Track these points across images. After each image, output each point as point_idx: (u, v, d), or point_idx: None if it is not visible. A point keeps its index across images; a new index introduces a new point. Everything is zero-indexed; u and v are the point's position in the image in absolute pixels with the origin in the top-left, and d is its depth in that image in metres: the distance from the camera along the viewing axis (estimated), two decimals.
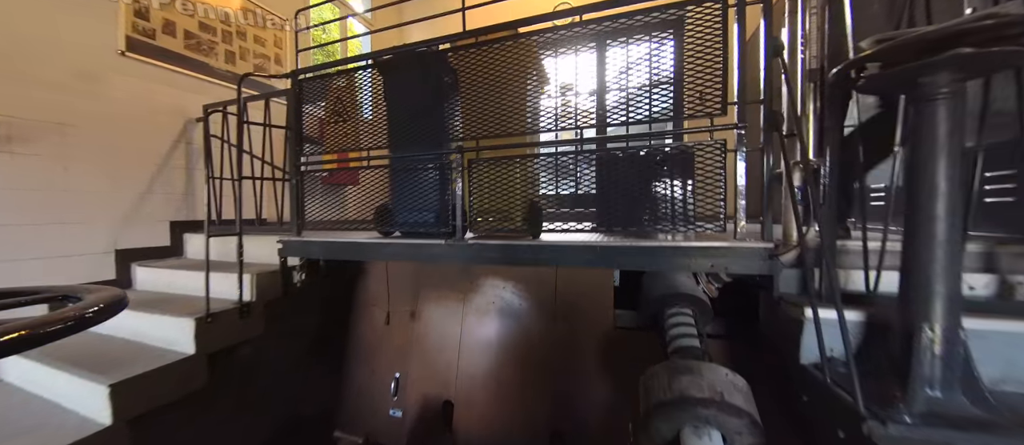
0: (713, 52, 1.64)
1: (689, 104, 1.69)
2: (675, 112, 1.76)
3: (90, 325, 0.63)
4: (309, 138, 2.50)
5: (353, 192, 2.57)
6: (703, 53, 1.66)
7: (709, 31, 1.64)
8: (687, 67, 1.68)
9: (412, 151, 2.21)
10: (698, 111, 1.67)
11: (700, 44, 1.66)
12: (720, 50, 1.63)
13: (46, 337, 0.51)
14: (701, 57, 1.66)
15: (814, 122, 1.48)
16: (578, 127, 1.84)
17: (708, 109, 1.66)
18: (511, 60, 1.93)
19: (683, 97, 1.71)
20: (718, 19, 1.63)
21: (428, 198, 2.15)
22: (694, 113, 1.68)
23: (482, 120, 2.00)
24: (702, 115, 1.67)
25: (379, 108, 2.29)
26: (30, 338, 0.50)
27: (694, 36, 1.66)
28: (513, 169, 1.98)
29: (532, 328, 2.71)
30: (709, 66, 1.65)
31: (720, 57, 1.63)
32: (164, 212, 3.03)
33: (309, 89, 2.45)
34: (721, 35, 1.63)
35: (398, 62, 2.19)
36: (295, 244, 2.47)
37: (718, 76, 1.64)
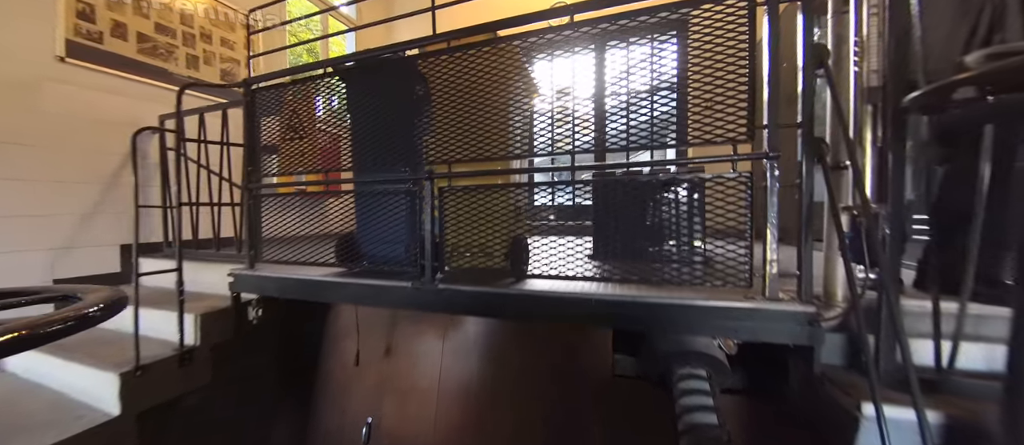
0: (736, 63, 1.31)
1: (704, 126, 1.35)
2: (678, 136, 1.42)
3: (90, 325, 0.61)
4: (273, 148, 2.15)
5: (330, 207, 2.24)
6: (724, 64, 1.32)
7: (731, 36, 1.30)
8: (703, 81, 1.34)
9: (379, 173, 1.89)
10: (718, 135, 1.33)
11: (719, 53, 1.32)
12: (745, 60, 1.29)
13: (46, 337, 0.50)
14: (721, 69, 1.33)
15: (872, 154, 1.14)
16: (571, 152, 1.51)
17: (730, 133, 1.32)
18: (490, 69, 1.60)
19: (687, 116, 1.37)
20: (742, 20, 1.30)
21: (396, 229, 1.83)
22: (713, 137, 1.34)
23: (457, 140, 1.67)
24: (723, 140, 1.33)
25: (343, 123, 1.97)
26: (30, 338, 0.49)
27: (712, 42, 1.33)
28: (493, 198, 1.66)
29: (519, 370, 2.38)
30: (731, 80, 1.31)
31: (745, 69, 1.30)
32: (114, 235, 2.73)
33: (265, 100, 2.13)
34: (746, 41, 1.29)
35: (361, 69, 1.87)
36: (247, 278, 2.15)
37: (742, 93, 1.30)
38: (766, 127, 1.30)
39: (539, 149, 1.57)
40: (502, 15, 1.61)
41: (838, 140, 1.27)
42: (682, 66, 1.39)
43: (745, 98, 1.30)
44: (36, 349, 0.57)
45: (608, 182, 1.59)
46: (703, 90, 1.35)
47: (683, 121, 1.42)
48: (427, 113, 1.74)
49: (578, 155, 1.53)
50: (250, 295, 2.29)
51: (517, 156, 1.57)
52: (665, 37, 1.42)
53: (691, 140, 1.37)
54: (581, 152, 1.49)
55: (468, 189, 1.68)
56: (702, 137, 1.35)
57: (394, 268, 1.85)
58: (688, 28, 1.35)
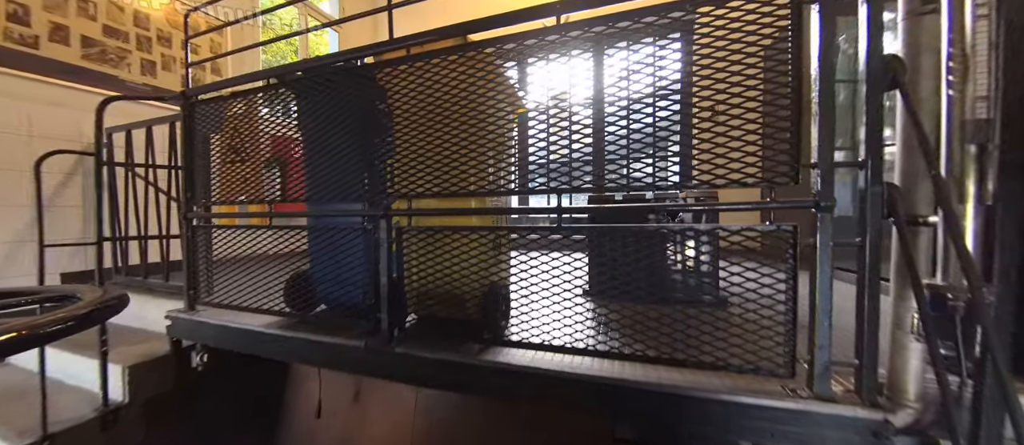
0: (773, 80, 0.98)
1: (730, 163, 1.03)
2: (683, 173, 1.09)
3: (90, 325, 0.60)
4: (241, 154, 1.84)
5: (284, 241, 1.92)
6: (756, 81, 1.00)
7: (765, 44, 0.98)
8: (729, 104, 1.02)
9: (331, 205, 1.57)
10: (749, 175, 1.01)
11: (749, 66, 1.00)
12: (788, 78, 0.97)
13: (46, 337, 0.50)
14: (752, 88, 1.00)
15: (975, 211, 0.81)
16: (558, 190, 1.18)
17: (767, 174, 0.99)
18: (459, 82, 1.28)
19: (703, 146, 1.05)
20: (782, 22, 0.97)
21: (353, 271, 1.52)
22: (742, 179, 1.01)
23: (417, 170, 1.36)
24: (755, 182, 1.00)
25: (293, 144, 1.66)
26: (30, 338, 0.47)
27: (740, 53, 1.00)
28: (463, 242, 1.34)
29: (503, 424, 2.06)
30: (767, 104, 0.99)
31: (787, 90, 0.97)
32: (51, 264, 2.43)
33: (207, 114, 1.82)
34: (789, 50, 0.97)
35: (310, 81, 1.55)
36: (185, 323, 1.84)
37: (783, 120, 0.98)
38: (814, 166, 0.97)
39: (517, 185, 1.25)
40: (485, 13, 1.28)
41: (913, 186, 0.94)
42: (691, 82, 1.06)
43: (788, 127, 0.97)
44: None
45: (604, 230, 1.26)
46: (730, 115, 1.02)
47: (687, 152, 1.09)
48: (388, 135, 1.42)
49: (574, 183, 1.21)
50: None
51: (490, 192, 1.25)
52: (673, 43, 1.10)
53: (713, 180, 1.04)
54: (569, 191, 1.16)
55: (433, 231, 1.36)
56: (727, 177, 1.02)
57: (344, 320, 1.54)
58: (713, 32, 1.02)
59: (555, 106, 1.19)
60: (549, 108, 1.19)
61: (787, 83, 0.97)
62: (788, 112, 0.97)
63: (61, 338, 0.55)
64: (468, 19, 1.29)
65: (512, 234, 1.28)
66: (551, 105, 1.18)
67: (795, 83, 0.96)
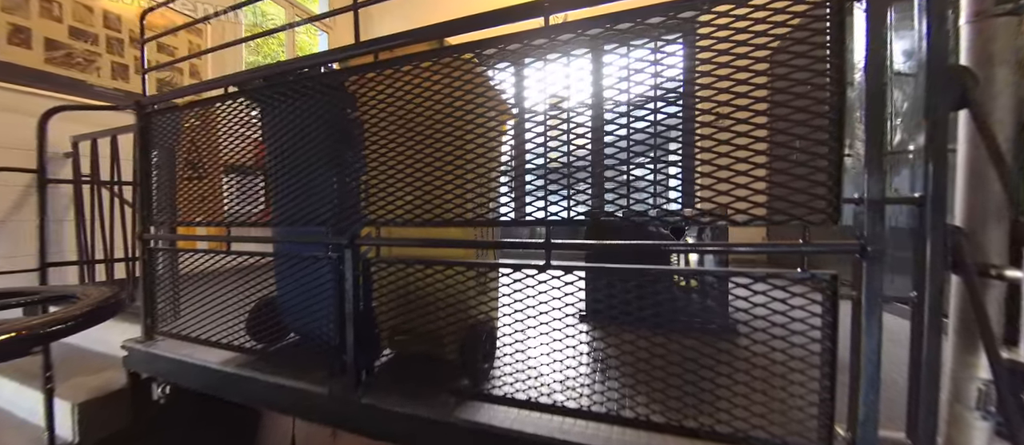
0: (805, 94, 0.80)
1: (751, 196, 0.84)
2: (686, 200, 0.91)
3: (90, 325, 0.58)
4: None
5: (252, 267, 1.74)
6: (783, 94, 0.82)
7: (797, 51, 0.80)
8: (748, 122, 0.84)
9: (296, 229, 1.40)
10: (776, 211, 0.82)
11: (777, 76, 0.82)
12: (825, 93, 0.78)
13: (46, 337, 0.49)
14: (779, 104, 0.82)
15: None
16: (547, 222, 1.00)
17: (798, 210, 0.81)
18: (433, 93, 1.10)
19: (708, 173, 0.86)
20: (818, 25, 0.79)
21: (319, 302, 1.34)
22: (769, 215, 0.83)
23: (386, 193, 1.18)
24: (785, 219, 0.82)
25: (256, 160, 1.49)
26: (30, 338, 0.47)
27: (763, 62, 0.82)
28: (439, 277, 1.16)
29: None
30: (797, 125, 0.81)
31: (825, 109, 0.79)
32: (5, 284, 2.27)
33: (164, 126, 1.65)
34: (829, 61, 0.78)
35: (274, 89, 1.37)
36: (141, 355, 1.67)
37: (820, 144, 0.80)
38: (857, 201, 0.79)
39: (495, 213, 1.06)
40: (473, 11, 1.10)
41: (982, 229, 0.75)
42: (703, 96, 0.88)
43: (826, 154, 0.79)
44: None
45: (600, 271, 1.08)
46: (752, 137, 0.84)
47: (701, 181, 0.91)
48: (357, 152, 1.25)
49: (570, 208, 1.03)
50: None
51: (468, 222, 1.07)
52: (683, 49, 0.92)
53: (731, 215, 0.86)
54: (559, 223, 0.98)
55: (404, 263, 1.19)
56: (750, 213, 0.84)
57: (311, 358, 1.36)
58: (733, 35, 0.84)
59: (540, 123, 1.01)
60: (533, 125, 1.01)
61: (825, 99, 0.79)
62: (826, 135, 0.79)
63: (61, 338, 0.55)
64: (463, 17, 1.11)
65: (495, 270, 1.10)
66: (536, 122, 1.01)
67: (836, 99, 0.78)
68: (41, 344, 0.56)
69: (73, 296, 0.67)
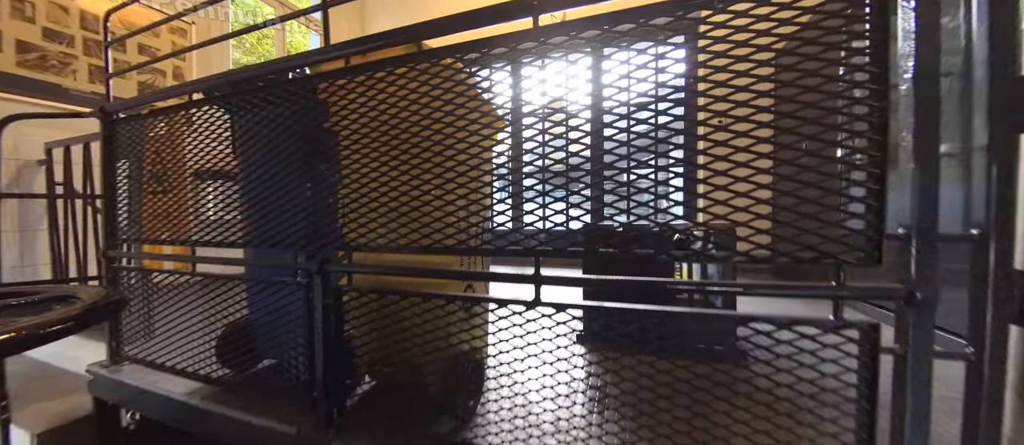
0: (843, 111, 0.67)
1: (771, 227, 0.72)
2: (692, 231, 0.78)
3: (90, 325, 0.58)
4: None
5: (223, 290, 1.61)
6: (821, 112, 0.69)
7: (830, 59, 0.67)
8: (775, 144, 0.71)
9: (263, 250, 1.28)
10: (802, 248, 0.70)
11: (806, 89, 0.69)
12: (868, 106, 0.65)
13: (46, 337, 0.49)
14: (807, 119, 0.69)
15: None
16: (537, 252, 0.87)
17: (830, 246, 0.68)
18: (412, 102, 0.98)
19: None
20: (860, 27, 0.66)
21: (289, 330, 1.22)
22: (798, 252, 0.70)
23: (360, 213, 1.06)
24: (813, 258, 0.69)
25: (225, 173, 1.37)
26: (30, 338, 0.47)
27: (788, 71, 0.69)
28: (418, 308, 1.03)
29: None
30: (828, 144, 0.68)
31: (866, 127, 0.66)
32: None
33: (130, 135, 1.53)
34: (871, 70, 0.66)
35: (242, 96, 1.25)
36: (106, 381, 1.56)
37: (857, 166, 0.67)
38: (899, 236, 0.66)
39: (479, 239, 0.94)
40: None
41: None
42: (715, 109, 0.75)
43: (865, 179, 0.66)
44: None
45: (598, 295, 0.95)
46: (773, 160, 0.71)
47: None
48: (330, 167, 1.12)
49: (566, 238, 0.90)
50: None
51: (448, 250, 0.95)
52: (696, 55, 0.79)
53: (751, 249, 0.73)
54: (550, 253, 0.85)
55: (379, 292, 1.06)
56: (774, 247, 0.71)
57: (283, 391, 1.24)
58: (752, 39, 0.71)
59: (529, 137, 0.88)
60: (521, 141, 0.88)
61: (865, 114, 0.66)
62: (867, 157, 0.66)
63: (61, 338, 0.54)
64: (443, 18, 0.98)
65: (478, 304, 0.98)
66: (524, 137, 0.88)
67: (877, 113, 0.65)
68: (41, 344, 0.50)
69: (73, 296, 0.66)
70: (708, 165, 0.74)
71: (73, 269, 2.18)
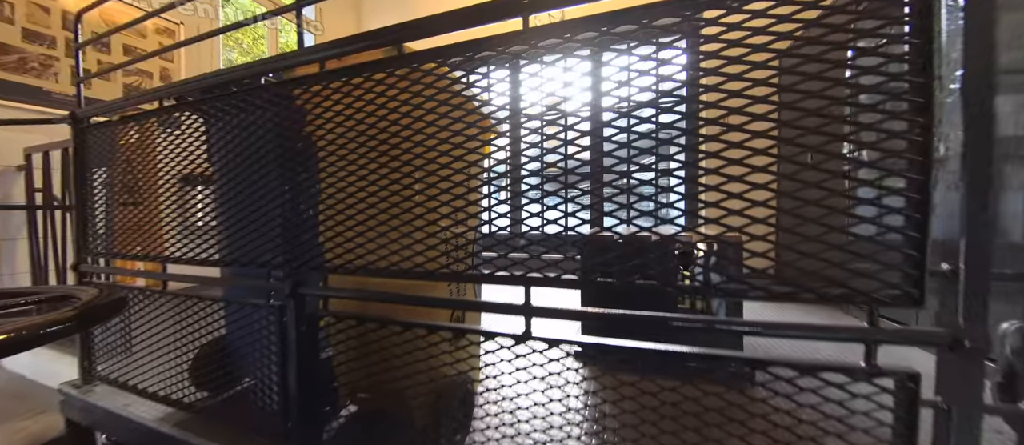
0: (876, 127, 0.58)
1: (795, 260, 0.62)
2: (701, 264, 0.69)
3: (90, 325, 0.61)
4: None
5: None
6: (852, 129, 0.60)
7: (863, 67, 0.58)
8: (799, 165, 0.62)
9: (238, 268, 1.19)
10: (831, 285, 0.60)
11: (834, 102, 0.60)
12: (912, 121, 0.56)
13: (46, 337, 0.48)
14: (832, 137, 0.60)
15: None
16: (527, 280, 0.78)
17: (862, 282, 0.59)
18: (391, 111, 0.89)
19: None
20: (898, 30, 0.57)
21: (263, 357, 1.13)
22: (823, 288, 0.61)
23: (340, 232, 0.97)
24: (840, 295, 0.60)
25: (201, 183, 1.28)
26: (30, 338, 0.46)
27: (811, 80, 0.60)
28: (401, 339, 0.95)
29: None
30: (858, 165, 0.59)
31: (904, 146, 0.57)
32: None
33: (102, 142, 1.45)
34: (912, 80, 0.56)
35: (213, 103, 1.16)
36: (78, 402, 1.47)
37: (898, 196, 0.58)
38: (944, 273, 0.57)
39: (465, 262, 0.85)
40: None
41: None
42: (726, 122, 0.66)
43: (904, 207, 0.57)
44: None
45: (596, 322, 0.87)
46: (796, 183, 0.62)
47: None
48: (306, 180, 1.03)
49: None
50: None
51: (429, 275, 0.86)
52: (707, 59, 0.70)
53: (768, 284, 0.64)
54: (540, 284, 0.76)
55: (357, 319, 0.97)
56: (797, 282, 0.62)
57: (261, 418, 1.16)
58: (769, 43, 0.62)
59: (520, 152, 0.80)
60: (510, 157, 0.80)
61: (905, 132, 0.56)
62: (907, 180, 0.57)
63: (61, 338, 0.54)
64: (424, 18, 0.89)
65: (463, 337, 0.89)
66: (512, 152, 0.79)
67: (919, 129, 0.56)
68: (41, 344, 0.48)
69: (74, 297, 0.64)
70: (721, 186, 0.65)
71: (53, 279, 2.10)
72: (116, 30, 1.52)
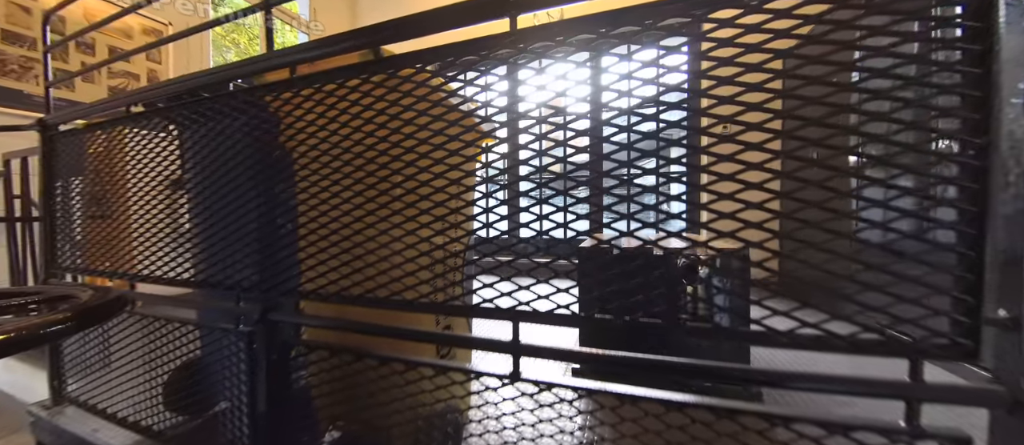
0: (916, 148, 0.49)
1: (828, 296, 0.54)
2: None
3: (90, 325, 0.57)
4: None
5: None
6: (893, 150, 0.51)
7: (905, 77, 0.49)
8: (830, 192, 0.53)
9: (206, 289, 1.11)
10: (866, 331, 0.52)
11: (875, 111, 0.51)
12: (966, 138, 0.47)
13: (46, 337, 0.48)
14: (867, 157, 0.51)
15: None
16: (515, 315, 0.70)
17: (904, 327, 0.50)
18: (373, 119, 0.80)
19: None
20: (952, 33, 0.48)
21: (233, 385, 1.05)
22: (855, 336, 0.52)
23: (314, 255, 0.88)
24: (879, 346, 0.51)
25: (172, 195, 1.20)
26: (30, 338, 0.46)
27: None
28: (377, 373, 0.86)
29: None
30: (901, 192, 0.50)
31: (956, 173, 0.48)
32: None
33: (72, 150, 1.37)
34: (965, 92, 0.47)
35: (184, 108, 1.08)
36: (47, 424, 1.39)
37: (949, 230, 0.49)
38: (1003, 322, 0.48)
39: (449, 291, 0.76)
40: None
41: None
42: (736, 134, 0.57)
43: (956, 243, 0.48)
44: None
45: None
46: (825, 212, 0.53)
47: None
48: (280, 193, 0.95)
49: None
50: None
51: (406, 306, 0.77)
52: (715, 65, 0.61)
53: (795, 329, 0.55)
54: (531, 319, 0.68)
55: (330, 350, 0.89)
56: (824, 327, 0.53)
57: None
58: (791, 48, 0.53)
59: (508, 168, 0.71)
60: (497, 173, 0.71)
61: (958, 154, 0.48)
62: (959, 212, 0.48)
63: (60, 338, 0.55)
64: (403, 18, 0.80)
65: (444, 374, 0.80)
66: (496, 171, 0.70)
67: (978, 151, 0.47)
68: (41, 344, 0.49)
69: (73, 296, 0.64)
70: (736, 213, 0.56)
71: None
72: (85, 31, 1.44)
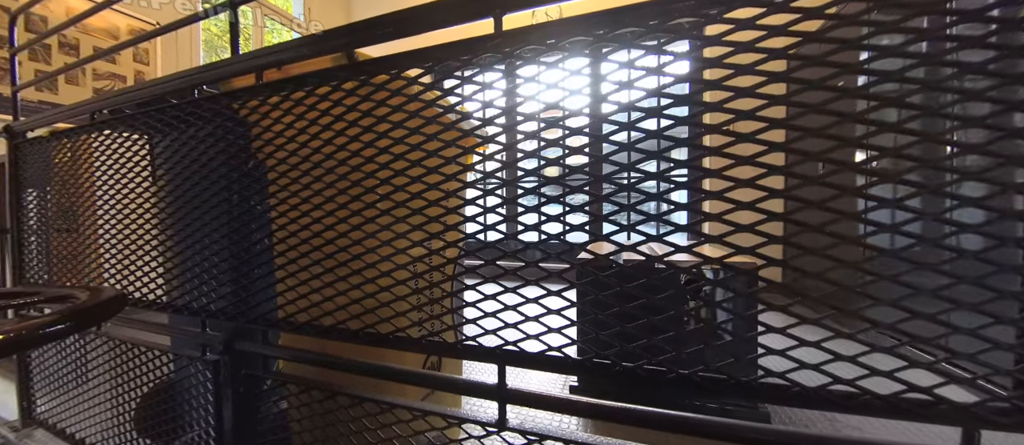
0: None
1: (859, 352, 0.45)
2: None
3: (90, 325, 0.56)
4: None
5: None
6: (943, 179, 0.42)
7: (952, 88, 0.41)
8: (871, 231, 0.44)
9: (174, 314, 1.03)
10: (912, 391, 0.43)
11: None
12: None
13: (46, 337, 0.47)
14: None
15: None
16: (501, 356, 0.62)
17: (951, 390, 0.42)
18: (346, 131, 0.72)
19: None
20: (1011, 36, 0.39)
21: (200, 417, 0.97)
22: (898, 399, 0.44)
23: (285, 276, 0.80)
24: (927, 410, 0.43)
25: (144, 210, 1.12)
26: (30, 338, 0.45)
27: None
28: (354, 413, 0.78)
29: None
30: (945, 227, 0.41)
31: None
32: None
33: (39, 159, 1.29)
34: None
35: (150, 115, 1.00)
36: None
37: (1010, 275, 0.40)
38: None
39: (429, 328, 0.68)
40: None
41: None
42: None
43: (1020, 291, 0.40)
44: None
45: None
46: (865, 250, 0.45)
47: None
48: (251, 209, 0.87)
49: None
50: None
51: (382, 341, 0.69)
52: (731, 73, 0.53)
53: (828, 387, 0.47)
54: (518, 363, 0.60)
55: (300, 385, 0.81)
56: (857, 384, 0.45)
57: None
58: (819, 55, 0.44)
59: (496, 185, 0.63)
60: (480, 195, 0.63)
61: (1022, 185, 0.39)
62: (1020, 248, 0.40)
63: (61, 338, 0.58)
64: (378, 17, 0.72)
65: (423, 418, 0.72)
66: (485, 188, 0.62)
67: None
68: (41, 344, 0.50)
69: (74, 296, 0.63)
70: (755, 249, 0.48)
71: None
72: (54, 31, 1.36)
